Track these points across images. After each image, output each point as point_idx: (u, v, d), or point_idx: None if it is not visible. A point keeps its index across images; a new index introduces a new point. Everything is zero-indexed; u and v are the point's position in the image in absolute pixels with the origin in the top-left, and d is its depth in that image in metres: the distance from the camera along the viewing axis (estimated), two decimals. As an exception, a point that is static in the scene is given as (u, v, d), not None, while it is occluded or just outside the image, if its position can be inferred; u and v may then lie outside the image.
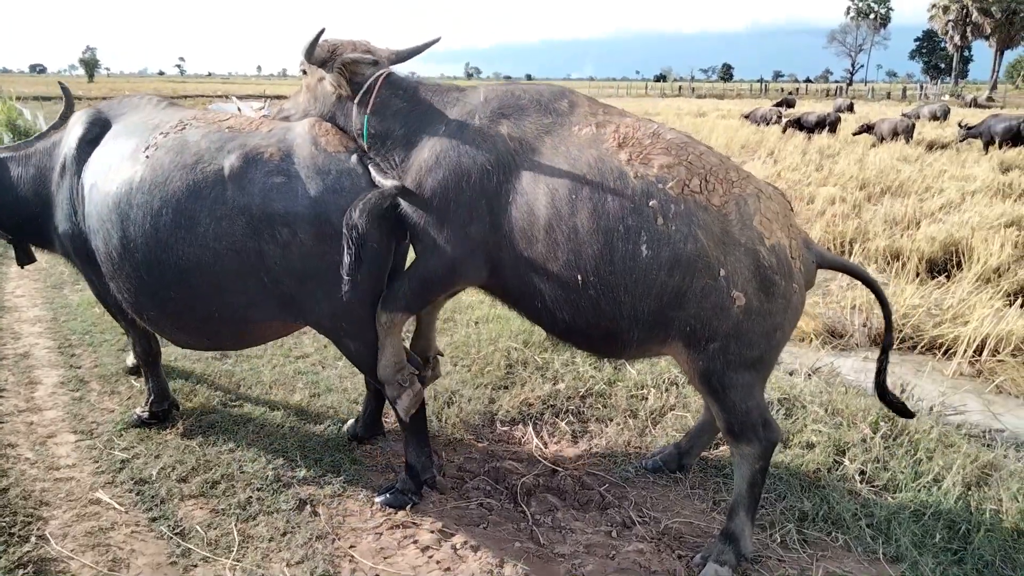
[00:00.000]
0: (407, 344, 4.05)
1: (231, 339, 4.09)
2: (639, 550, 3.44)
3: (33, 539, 3.33)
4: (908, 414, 3.62)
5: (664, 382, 5.05)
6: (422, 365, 3.98)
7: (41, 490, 3.74)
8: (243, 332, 3.95)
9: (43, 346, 5.70)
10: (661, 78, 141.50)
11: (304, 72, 3.76)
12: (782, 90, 70.00)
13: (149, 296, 3.80)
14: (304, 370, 5.35)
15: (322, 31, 3.52)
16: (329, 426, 4.50)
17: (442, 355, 4.40)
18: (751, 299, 3.01)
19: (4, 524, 3.39)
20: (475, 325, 6.28)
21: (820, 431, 4.40)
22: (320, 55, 3.55)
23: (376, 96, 3.51)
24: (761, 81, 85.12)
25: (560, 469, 4.09)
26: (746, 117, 28.56)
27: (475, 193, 3.24)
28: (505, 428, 4.61)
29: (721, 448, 4.33)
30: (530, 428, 4.55)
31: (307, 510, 3.70)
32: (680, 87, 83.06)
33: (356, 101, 3.55)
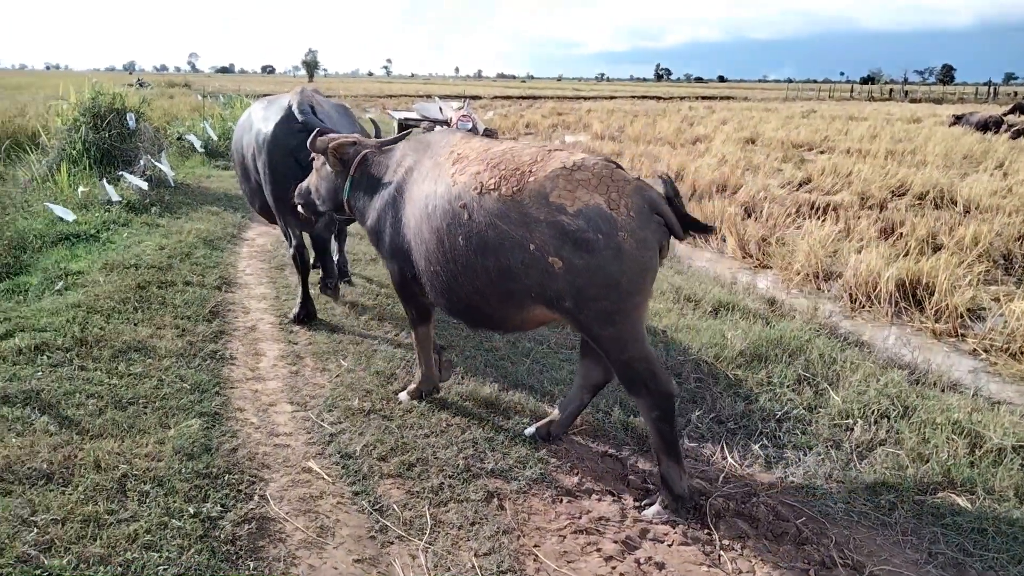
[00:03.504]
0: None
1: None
2: (840, 594, 3.18)
3: (256, 498, 3.68)
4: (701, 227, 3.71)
5: (874, 414, 4.64)
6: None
7: (263, 454, 4.13)
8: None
9: (267, 321, 6.32)
10: (869, 80, 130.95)
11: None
12: (1014, 94, 62.25)
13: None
14: (493, 363, 5.51)
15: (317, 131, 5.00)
16: (517, 421, 4.59)
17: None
18: (571, 260, 3.48)
19: (234, 481, 3.78)
20: (662, 333, 6.14)
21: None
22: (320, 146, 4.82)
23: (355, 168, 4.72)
24: (989, 84, 76.03)
25: (753, 495, 3.88)
26: (956, 120, 25.62)
27: (389, 214, 4.38)
28: (693, 444, 4.46)
29: (939, 494, 3.90)
30: (721, 447, 4.37)
31: (494, 503, 3.79)
32: (891, 90, 76.41)
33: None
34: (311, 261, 6.49)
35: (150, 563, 3.06)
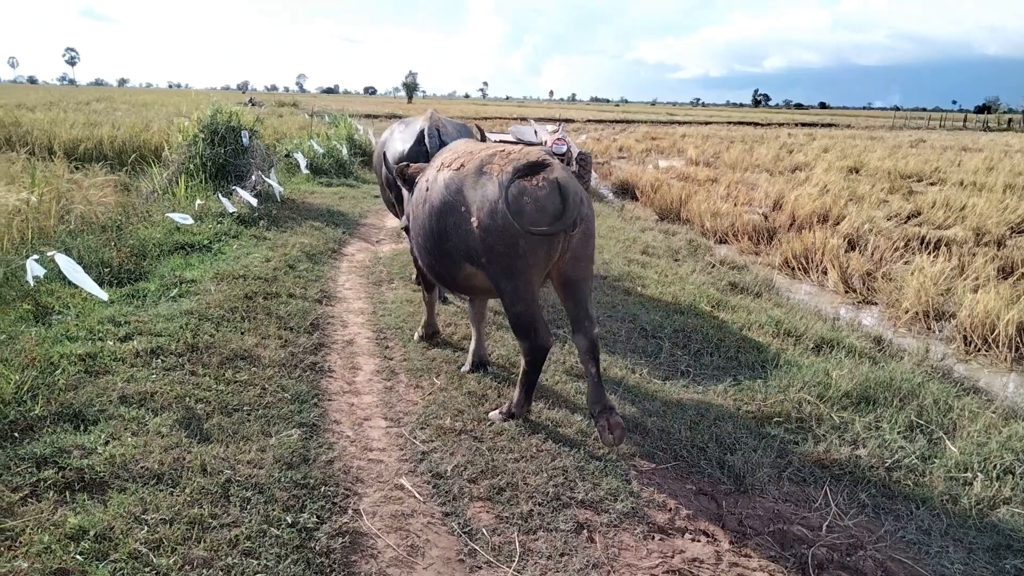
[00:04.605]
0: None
1: None
2: (957, 665, 2.94)
3: (350, 512, 3.74)
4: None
5: (996, 468, 4.31)
6: None
7: (357, 468, 4.20)
8: None
9: (364, 336, 6.48)
10: (984, 109, 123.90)
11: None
12: None
13: None
14: (584, 390, 5.43)
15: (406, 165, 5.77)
16: (608, 452, 4.50)
17: None
18: (485, 220, 4.25)
19: (329, 493, 3.85)
20: (760, 368, 5.92)
21: None
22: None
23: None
24: (1124, 114, 70.39)
25: (859, 547, 3.66)
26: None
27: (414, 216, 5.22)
28: (794, 487, 4.25)
29: (1073, 563, 3.56)
30: (824, 493, 4.15)
31: (584, 535, 3.72)
32: (1009, 119, 71.98)
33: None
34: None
35: (249, 569, 3.14)
